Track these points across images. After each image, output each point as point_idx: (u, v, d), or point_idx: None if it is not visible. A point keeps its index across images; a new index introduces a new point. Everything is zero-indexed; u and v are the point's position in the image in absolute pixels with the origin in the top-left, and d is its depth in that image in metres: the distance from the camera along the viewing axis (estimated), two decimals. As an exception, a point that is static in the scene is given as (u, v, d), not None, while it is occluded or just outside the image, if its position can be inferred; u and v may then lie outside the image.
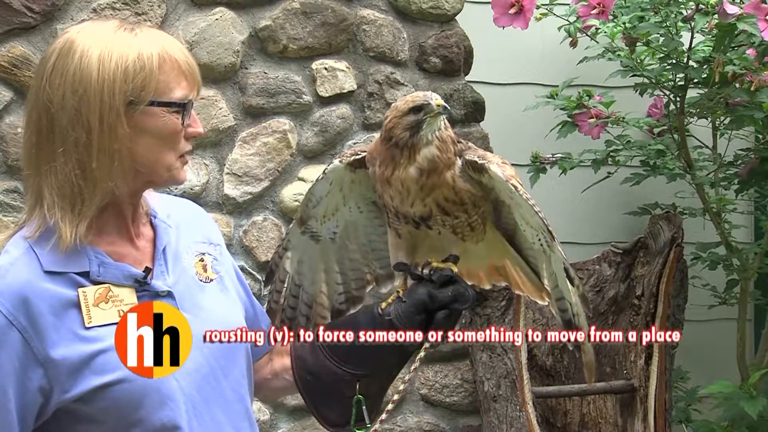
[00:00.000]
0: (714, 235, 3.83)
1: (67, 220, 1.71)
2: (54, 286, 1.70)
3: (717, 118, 3.74)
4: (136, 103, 1.72)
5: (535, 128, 3.85)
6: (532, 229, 1.91)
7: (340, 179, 1.97)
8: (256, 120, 3.50)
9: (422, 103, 1.83)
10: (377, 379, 1.94)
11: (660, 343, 3.59)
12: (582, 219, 4.17)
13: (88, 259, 1.74)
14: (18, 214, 3.20)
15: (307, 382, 1.94)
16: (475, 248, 1.95)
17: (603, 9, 3.21)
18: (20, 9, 3.21)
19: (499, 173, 1.85)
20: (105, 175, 1.71)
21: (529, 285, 2.03)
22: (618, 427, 3.66)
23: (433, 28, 3.67)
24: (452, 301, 1.87)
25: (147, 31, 1.78)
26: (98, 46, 1.72)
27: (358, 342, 1.89)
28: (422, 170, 1.83)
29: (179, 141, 1.78)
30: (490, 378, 3.55)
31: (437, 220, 1.88)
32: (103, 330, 1.71)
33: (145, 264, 1.79)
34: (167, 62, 1.75)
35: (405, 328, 1.87)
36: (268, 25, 3.49)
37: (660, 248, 3.65)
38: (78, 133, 1.70)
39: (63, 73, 1.72)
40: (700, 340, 4.10)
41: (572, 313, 1.95)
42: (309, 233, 2.02)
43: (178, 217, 1.92)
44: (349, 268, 2.06)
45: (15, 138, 3.21)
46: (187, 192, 3.33)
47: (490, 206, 1.93)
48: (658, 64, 3.50)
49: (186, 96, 1.77)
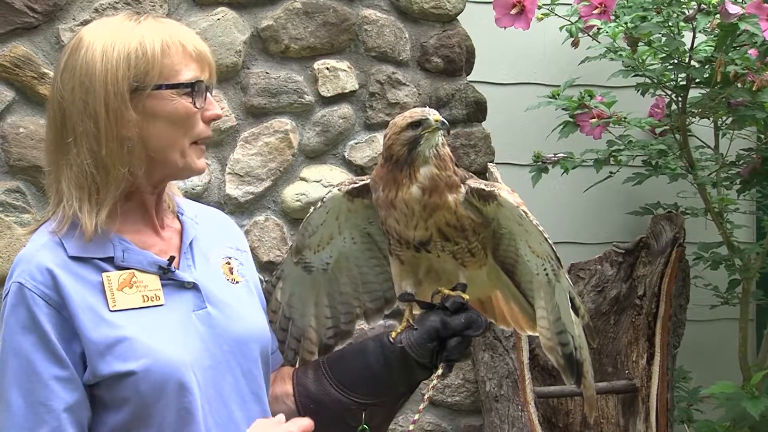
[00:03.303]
0: (716, 235, 3.82)
1: (85, 210, 1.73)
2: (79, 270, 1.72)
3: (719, 118, 3.74)
4: (142, 88, 1.74)
5: (536, 128, 3.85)
6: (538, 258, 1.91)
7: (338, 208, 1.97)
8: (257, 120, 3.50)
9: (420, 119, 1.85)
10: (383, 408, 1.93)
11: (662, 343, 3.58)
12: (584, 219, 4.16)
13: (113, 245, 1.76)
14: (21, 214, 3.21)
15: (310, 410, 1.92)
16: (475, 275, 1.94)
17: (605, 9, 3.21)
18: (22, 9, 3.21)
19: (510, 200, 1.86)
20: (116, 161, 1.73)
21: (520, 317, 2.03)
22: (620, 427, 3.66)
23: (434, 28, 3.67)
24: (465, 328, 1.87)
25: (152, 20, 1.80)
26: (102, 39, 1.76)
27: (368, 371, 1.88)
28: (424, 189, 1.83)
29: (194, 124, 1.79)
30: (491, 378, 3.55)
31: (436, 245, 1.88)
32: (127, 316, 1.72)
33: (171, 254, 1.81)
34: (172, 47, 1.77)
35: (417, 357, 1.87)
36: (269, 24, 3.49)
37: (662, 248, 3.64)
38: (86, 123, 1.73)
39: (72, 68, 1.76)
40: (702, 340, 4.10)
41: (574, 346, 1.93)
42: (302, 264, 2.03)
43: (207, 221, 1.94)
44: (339, 301, 2.06)
45: (17, 138, 3.21)
46: (189, 192, 3.33)
47: (490, 233, 1.94)
48: (660, 64, 3.50)
49: (195, 77, 1.78)
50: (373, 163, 3.57)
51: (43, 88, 3.20)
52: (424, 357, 1.88)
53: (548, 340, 1.96)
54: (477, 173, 3.62)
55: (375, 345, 1.91)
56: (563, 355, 1.94)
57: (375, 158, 3.57)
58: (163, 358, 1.70)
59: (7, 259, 3.18)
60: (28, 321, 1.69)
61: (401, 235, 1.88)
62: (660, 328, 3.60)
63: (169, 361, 1.71)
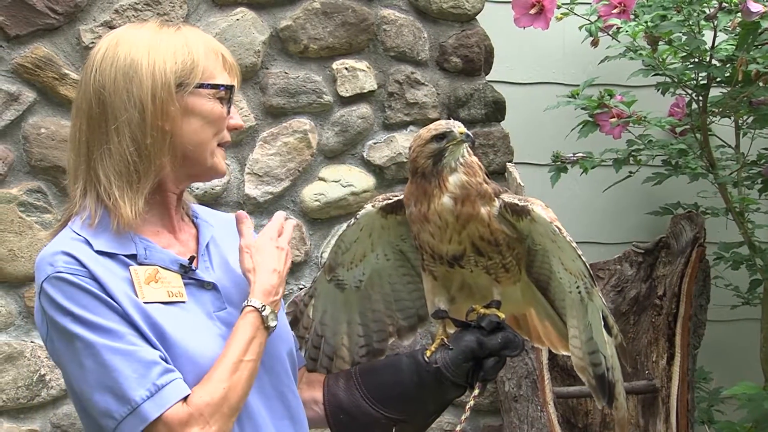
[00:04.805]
0: (737, 235, 3.80)
1: (126, 197, 1.76)
2: (107, 263, 1.74)
3: (740, 117, 3.72)
4: (186, 84, 1.78)
5: (556, 128, 3.84)
6: (571, 276, 1.89)
7: (371, 225, 1.97)
8: (276, 120, 3.51)
9: (445, 131, 1.84)
10: (413, 424, 1.93)
11: (682, 343, 3.57)
12: (603, 218, 4.15)
13: (135, 244, 1.78)
14: (42, 214, 3.23)
15: (339, 420, 1.92)
16: (509, 292, 1.93)
17: (624, 8, 3.20)
18: (43, 10, 3.24)
19: (544, 215, 1.85)
20: (158, 150, 1.77)
21: (554, 336, 2.01)
22: (640, 427, 3.65)
23: (453, 28, 3.67)
24: (502, 348, 1.86)
25: (190, 27, 1.86)
26: (146, 37, 1.80)
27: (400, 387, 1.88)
28: (456, 198, 1.82)
29: (222, 127, 1.84)
30: (511, 378, 3.55)
31: (470, 260, 1.87)
32: (156, 309, 1.73)
33: (191, 254, 1.83)
34: (211, 52, 1.83)
35: (453, 377, 1.87)
36: (288, 25, 3.50)
37: (682, 248, 3.62)
38: (131, 112, 1.76)
39: (113, 61, 1.79)
40: (722, 340, 4.07)
41: (606, 366, 1.91)
42: (335, 281, 2.02)
43: (223, 225, 1.95)
44: (372, 319, 2.06)
45: (38, 138, 3.24)
46: (208, 192, 3.35)
47: (524, 249, 1.92)
48: (681, 63, 3.49)
49: (229, 84, 1.84)
50: (392, 163, 3.58)
51: (64, 89, 3.23)
52: (460, 377, 1.87)
53: (580, 360, 1.95)
54: (495, 173, 3.61)
55: (409, 362, 1.90)
56: (595, 375, 1.93)
57: (393, 158, 3.57)
58: (191, 349, 1.72)
59: (28, 258, 3.20)
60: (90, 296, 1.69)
61: (435, 250, 1.87)
62: (680, 329, 3.58)
63: (196, 353, 1.72)
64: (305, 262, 3.50)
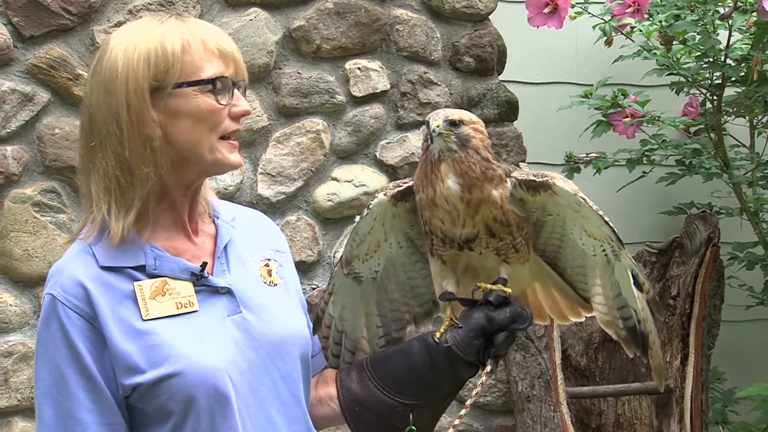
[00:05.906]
0: (751, 235, 3.79)
1: (112, 213, 1.74)
2: (111, 280, 1.74)
3: (755, 116, 3.70)
4: (162, 87, 1.74)
5: (569, 128, 3.83)
6: (596, 241, 1.92)
7: (383, 213, 1.97)
8: (289, 120, 3.51)
9: (427, 121, 1.86)
10: (429, 408, 1.92)
11: (696, 343, 3.55)
12: (616, 218, 4.08)
13: (144, 254, 1.77)
14: (56, 215, 3.25)
15: (355, 413, 1.91)
16: (517, 272, 1.93)
17: (638, 7, 3.19)
18: (57, 11, 3.25)
19: (566, 188, 1.87)
20: (138, 161, 1.74)
21: (563, 304, 2.01)
22: (653, 428, 3.64)
23: (466, 28, 3.66)
24: (511, 322, 1.85)
25: (174, 19, 1.80)
26: (124, 42, 1.77)
27: (413, 372, 1.87)
28: (462, 185, 1.82)
29: (219, 120, 1.78)
30: (524, 378, 3.54)
31: (481, 242, 1.87)
32: (160, 324, 1.73)
33: (203, 260, 1.81)
34: (192, 44, 1.76)
35: (464, 355, 1.86)
36: (301, 25, 3.50)
37: (696, 248, 3.61)
38: (110, 126, 1.74)
39: (97, 73, 1.78)
40: (737, 340, 4.06)
41: (637, 319, 1.93)
42: (353, 275, 2.01)
43: (245, 223, 1.94)
44: (389, 309, 2.05)
45: (53, 139, 3.25)
46: (221, 192, 3.35)
47: (531, 228, 1.93)
48: (695, 62, 3.48)
49: (218, 74, 1.77)
50: (405, 162, 3.58)
51: (78, 90, 3.24)
52: (471, 355, 1.87)
53: (605, 315, 1.96)
54: (509, 173, 3.60)
55: (420, 345, 1.89)
56: (625, 327, 1.94)
57: (406, 158, 3.57)
58: (197, 362, 1.71)
59: (42, 258, 3.22)
60: (60, 335, 1.71)
61: (447, 234, 1.86)
62: (694, 329, 3.57)
63: (203, 366, 1.71)
64: (318, 262, 3.51)
